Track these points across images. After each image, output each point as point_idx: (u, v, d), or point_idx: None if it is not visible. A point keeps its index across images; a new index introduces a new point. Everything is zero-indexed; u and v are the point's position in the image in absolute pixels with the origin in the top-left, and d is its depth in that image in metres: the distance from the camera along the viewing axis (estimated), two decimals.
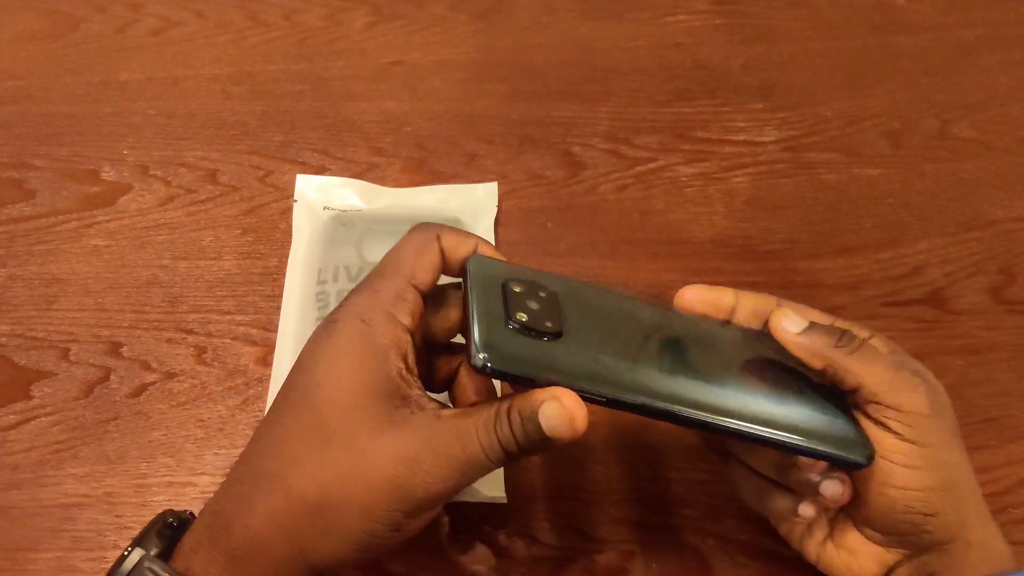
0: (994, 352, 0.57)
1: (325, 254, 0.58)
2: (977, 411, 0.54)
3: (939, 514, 0.39)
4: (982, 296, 0.60)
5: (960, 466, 0.40)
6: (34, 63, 0.70)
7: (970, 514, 0.40)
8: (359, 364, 0.36)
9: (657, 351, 0.39)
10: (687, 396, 0.37)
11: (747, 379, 0.39)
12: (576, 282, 0.41)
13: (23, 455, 0.50)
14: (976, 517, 0.40)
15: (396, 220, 0.60)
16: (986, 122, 0.69)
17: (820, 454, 0.38)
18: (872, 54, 0.74)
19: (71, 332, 0.55)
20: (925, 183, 0.66)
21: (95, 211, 0.61)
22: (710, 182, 0.65)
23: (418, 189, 0.63)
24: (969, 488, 0.40)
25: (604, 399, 0.36)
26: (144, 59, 0.71)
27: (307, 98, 0.69)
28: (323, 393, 0.37)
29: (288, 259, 0.59)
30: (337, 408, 0.36)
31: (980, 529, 0.40)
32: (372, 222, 0.60)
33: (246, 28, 0.74)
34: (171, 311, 0.56)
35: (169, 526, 0.37)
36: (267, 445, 0.37)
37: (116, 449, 0.50)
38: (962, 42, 0.74)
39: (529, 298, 0.38)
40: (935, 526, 0.39)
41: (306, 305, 0.56)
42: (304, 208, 0.61)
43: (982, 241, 0.62)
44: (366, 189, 0.63)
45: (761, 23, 0.77)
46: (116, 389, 0.53)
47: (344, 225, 0.60)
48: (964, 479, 0.40)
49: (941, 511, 0.39)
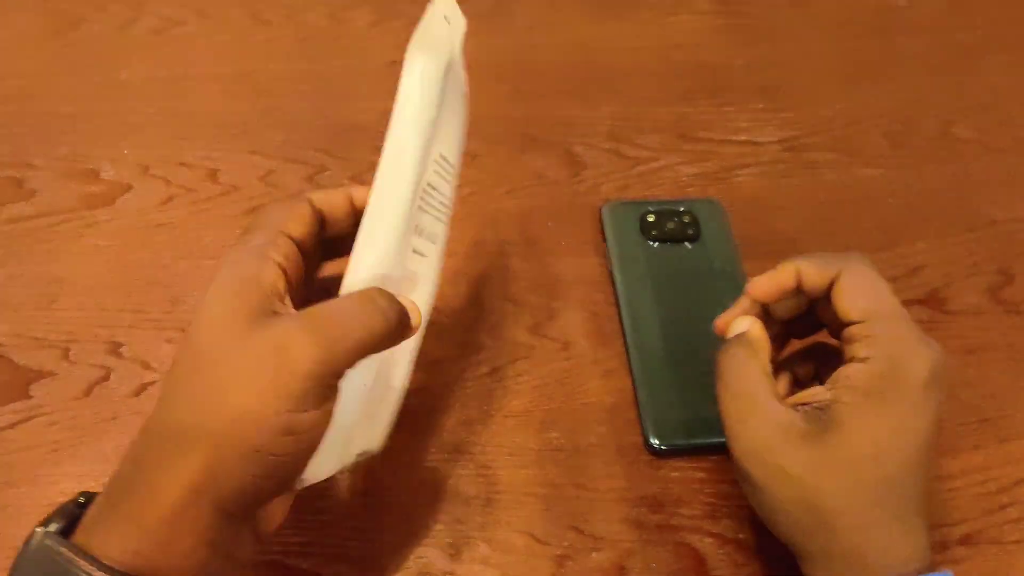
0: (991, 352, 0.57)
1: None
2: (974, 411, 0.54)
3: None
4: (980, 296, 0.60)
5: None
6: (34, 63, 0.70)
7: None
8: (228, 293, 0.36)
9: None
10: None
11: None
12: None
13: (21, 454, 0.50)
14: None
15: None
16: (986, 123, 0.69)
17: None
18: (873, 55, 0.74)
19: (71, 332, 0.55)
20: (925, 183, 0.66)
21: (95, 211, 0.61)
22: (712, 182, 0.65)
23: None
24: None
25: None
26: (145, 58, 0.71)
27: (308, 97, 0.69)
28: (195, 328, 0.36)
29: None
30: (206, 332, 0.36)
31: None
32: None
33: (247, 27, 0.74)
34: (171, 311, 0.56)
35: (76, 503, 0.36)
36: (159, 401, 0.36)
37: (115, 448, 0.50)
38: (963, 43, 0.74)
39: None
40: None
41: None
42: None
43: (981, 242, 0.62)
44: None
45: (763, 23, 0.77)
46: (116, 389, 0.53)
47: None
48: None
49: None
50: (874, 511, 0.39)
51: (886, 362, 0.40)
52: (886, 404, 0.39)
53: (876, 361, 0.40)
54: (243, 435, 0.33)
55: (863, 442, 0.39)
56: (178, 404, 0.35)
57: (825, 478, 0.39)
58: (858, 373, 0.40)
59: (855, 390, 0.40)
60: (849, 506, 0.39)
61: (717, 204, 0.62)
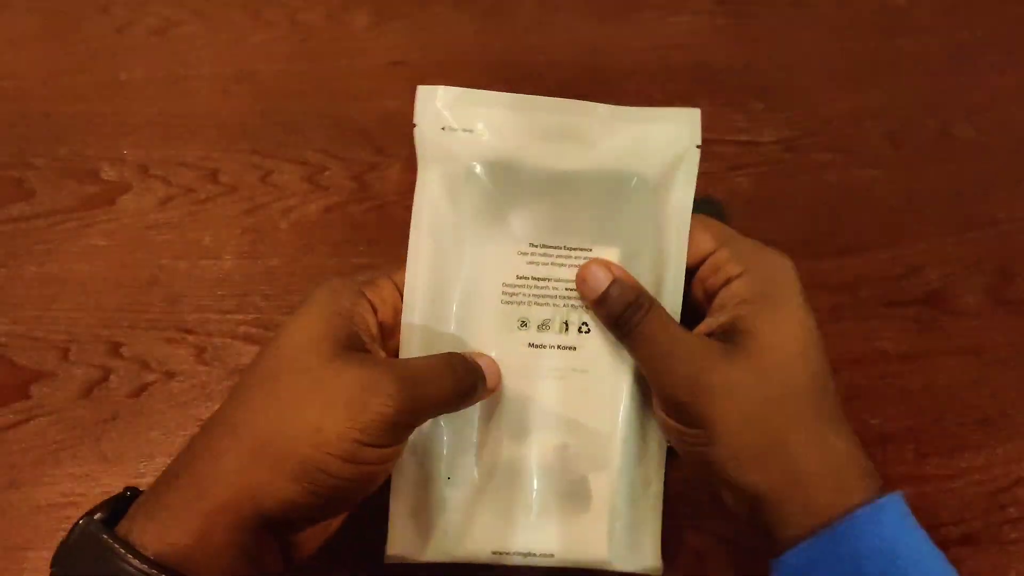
0: (991, 352, 0.57)
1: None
2: (974, 411, 0.54)
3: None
4: (980, 296, 0.60)
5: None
6: (34, 62, 0.70)
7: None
8: (321, 318, 0.38)
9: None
10: None
11: None
12: None
13: (21, 455, 0.50)
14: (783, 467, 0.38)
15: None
16: (986, 123, 0.69)
17: None
18: (873, 55, 0.74)
19: (70, 332, 0.55)
20: (925, 183, 0.66)
21: (95, 211, 0.61)
22: (711, 182, 0.65)
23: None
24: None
25: None
26: (144, 59, 0.71)
27: (308, 97, 0.69)
28: (283, 339, 0.37)
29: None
30: (293, 348, 0.37)
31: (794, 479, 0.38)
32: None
33: (247, 28, 0.74)
34: (171, 311, 0.56)
35: (122, 496, 0.36)
36: (231, 394, 0.37)
37: (114, 449, 0.50)
38: (963, 43, 0.74)
39: None
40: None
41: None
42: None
43: (981, 242, 0.62)
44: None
45: (763, 24, 0.77)
46: (115, 389, 0.53)
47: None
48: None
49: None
50: (819, 422, 0.38)
51: (761, 270, 0.41)
52: (782, 305, 0.40)
53: (752, 272, 0.41)
54: (308, 451, 0.34)
55: (783, 341, 0.39)
56: (247, 406, 0.36)
57: (763, 385, 0.38)
58: (742, 286, 0.41)
59: (749, 302, 0.40)
60: (796, 414, 0.38)
61: (717, 204, 0.62)
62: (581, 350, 0.44)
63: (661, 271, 0.44)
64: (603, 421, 0.44)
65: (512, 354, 0.44)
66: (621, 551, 0.43)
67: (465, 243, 0.44)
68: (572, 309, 0.44)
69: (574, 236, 0.44)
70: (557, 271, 0.44)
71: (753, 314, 0.40)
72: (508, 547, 0.43)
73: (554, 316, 0.44)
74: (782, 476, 0.38)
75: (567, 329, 0.44)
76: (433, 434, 0.43)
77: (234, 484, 0.34)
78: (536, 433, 0.44)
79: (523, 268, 0.44)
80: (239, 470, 0.34)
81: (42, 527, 0.48)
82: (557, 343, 0.44)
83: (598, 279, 0.43)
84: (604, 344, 0.44)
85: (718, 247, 0.43)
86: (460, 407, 0.41)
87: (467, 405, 0.41)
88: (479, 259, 0.44)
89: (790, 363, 0.39)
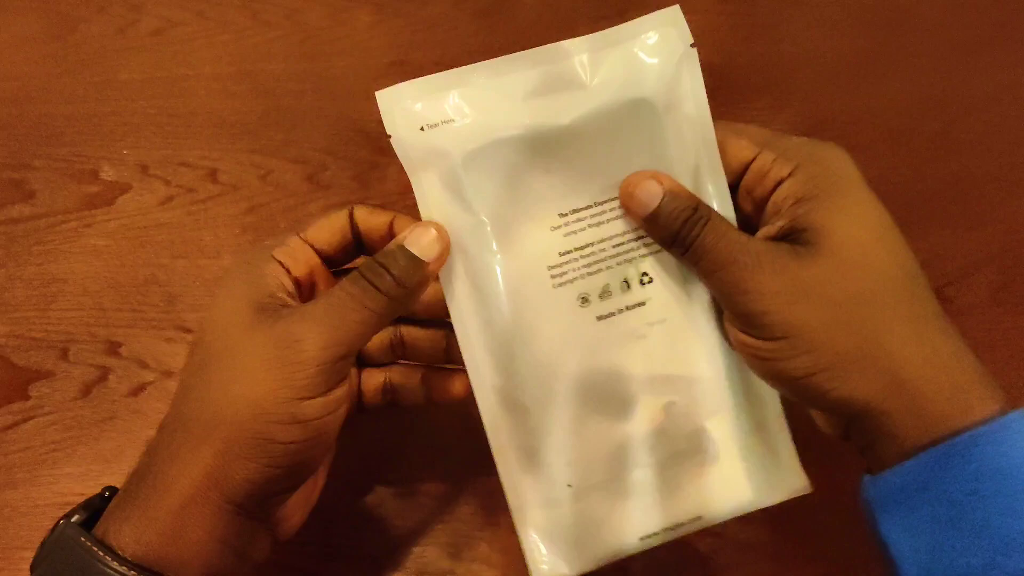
0: (992, 352, 0.57)
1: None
2: None
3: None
4: (981, 296, 0.60)
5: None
6: (34, 63, 0.70)
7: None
8: (234, 289, 0.37)
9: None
10: None
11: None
12: None
13: (20, 455, 0.50)
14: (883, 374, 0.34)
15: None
16: (987, 123, 0.69)
17: None
18: (874, 54, 0.74)
19: (70, 332, 0.55)
20: (925, 183, 0.66)
21: (94, 211, 0.61)
22: None
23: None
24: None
25: None
26: (144, 59, 0.71)
27: (308, 97, 0.69)
28: (206, 323, 0.37)
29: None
30: (214, 327, 0.36)
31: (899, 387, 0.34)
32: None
33: (247, 27, 0.74)
34: (170, 310, 0.56)
35: (100, 497, 0.37)
36: (174, 396, 0.37)
37: (113, 449, 0.50)
38: (964, 42, 0.74)
39: None
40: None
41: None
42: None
43: (982, 241, 0.62)
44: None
45: (764, 22, 0.77)
46: (114, 389, 0.53)
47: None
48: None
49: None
50: (917, 319, 0.35)
51: (813, 165, 0.37)
52: (845, 194, 0.36)
53: (804, 168, 0.37)
54: (251, 425, 0.34)
55: (855, 231, 0.36)
56: (189, 398, 0.36)
57: (844, 281, 0.35)
58: (795, 185, 0.37)
59: (807, 199, 0.36)
60: (888, 310, 0.34)
61: None
62: (651, 302, 0.41)
63: (700, 191, 0.40)
64: (700, 364, 0.41)
65: (584, 335, 0.41)
66: (764, 487, 0.41)
67: (491, 239, 0.40)
68: (627, 264, 0.41)
69: (600, 189, 0.41)
70: (597, 232, 0.41)
71: (814, 210, 0.36)
72: (653, 528, 0.41)
73: (611, 279, 0.41)
74: (883, 384, 0.34)
75: (628, 287, 0.41)
76: (536, 447, 0.41)
77: (195, 476, 0.34)
78: (637, 403, 0.41)
79: (561, 243, 0.41)
80: (195, 461, 0.34)
81: (41, 527, 0.48)
82: (624, 304, 0.41)
83: (650, 193, 0.38)
84: (672, 286, 0.41)
85: (759, 151, 0.39)
86: (405, 305, 0.38)
87: (415, 297, 0.38)
88: (512, 250, 0.41)
89: (869, 253, 0.35)
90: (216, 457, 0.34)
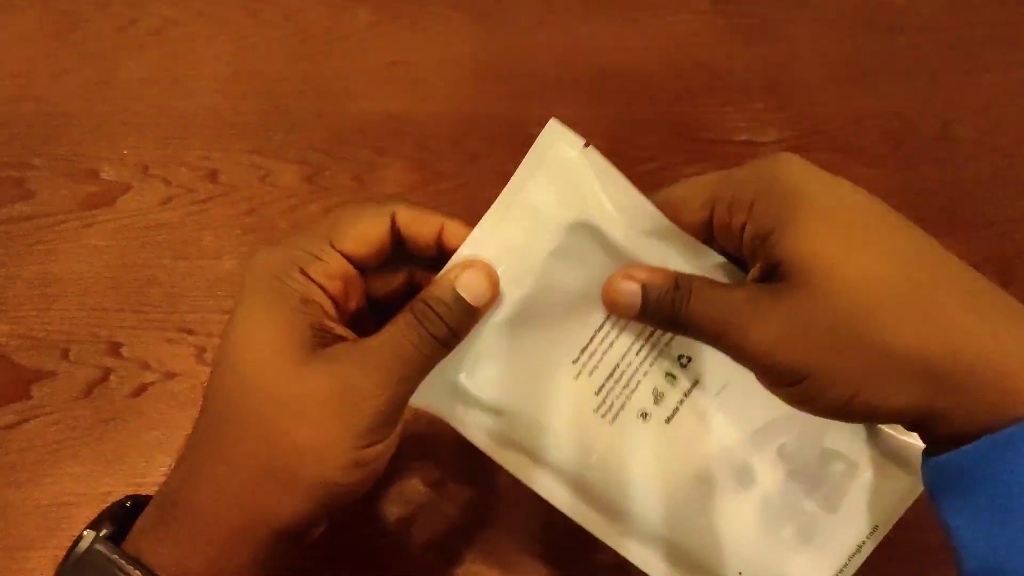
0: None
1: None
2: None
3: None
4: None
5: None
6: (34, 62, 0.70)
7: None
8: (273, 317, 0.35)
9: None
10: None
11: None
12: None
13: (21, 455, 0.50)
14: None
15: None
16: (986, 123, 0.69)
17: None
18: (873, 54, 0.74)
19: (71, 332, 0.55)
20: (925, 183, 0.66)
21: (95, 211, 0.61)
22: None
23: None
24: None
25: None
26: (144, 58, 0.71)
27: (308, 97, 0.69)
28: (241, 353, 0.35)
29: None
30: (257, 362, 0.35)
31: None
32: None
33: (247, 27, 0.74)
34: (171, 311, 0.56)
35: (124, 508, 0.36)
36: (204, 418, 0.36)
37: (114, 449, 0.50)
38: (963, 42, 0.74)
39: None
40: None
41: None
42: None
43: (981, 241, 0.62)
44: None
45: (762, 23, 0.77)
46: (116, 389, 0.53)
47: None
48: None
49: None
50: (929, 311, 0.33)
51: (769, 193, 0.35)
52: (799, 213, 0.34)
53: (759, 202, 0.35)
54: (313, 471, 0.34)
55: (823, 249, 0.34)
56: (230, 433, 0.35)
57: (833, 300, 0.33)
58: (755, 224, 0.35)
59: (769, 232, 0.35)
60: (893, 312, 0.33)
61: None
62: (704, 376, 0.39)
63: (670, 263, 0.38)
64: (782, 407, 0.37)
65: (668, 442, 0.39)
66: (913, 462, 0.38)
67: (523, 429, 0.40)
68: (659, 360, 0.39)
69: (592, 314, 0.39)
70: (614, 352, 0.39)
71: (777, 243, 0.34)
72: (839, 564, 0.39)
73: (655, 382, 0.39)
74: (924, 384, 0.32)
75: (675, 378, 0.40)
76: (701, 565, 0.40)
77: (245, 508, 0.34)
78: (752, 466, 0.40)
79: (588, 383, 0.40)
80: (247, 497, 0.34)
81: (42, 527, 0.48)
82: (681, 394, 0.40)
83: (630, 294, 0.37)
84: (711, 349, 0.37)
85: (711, 206, 0.37)
86: (455, 343, 0.37)
87: (462, 336, 0.37)
88: (552, 423, 0.39)
89: (836, 265, 0.33)
90: (270, 497, 0.34)
